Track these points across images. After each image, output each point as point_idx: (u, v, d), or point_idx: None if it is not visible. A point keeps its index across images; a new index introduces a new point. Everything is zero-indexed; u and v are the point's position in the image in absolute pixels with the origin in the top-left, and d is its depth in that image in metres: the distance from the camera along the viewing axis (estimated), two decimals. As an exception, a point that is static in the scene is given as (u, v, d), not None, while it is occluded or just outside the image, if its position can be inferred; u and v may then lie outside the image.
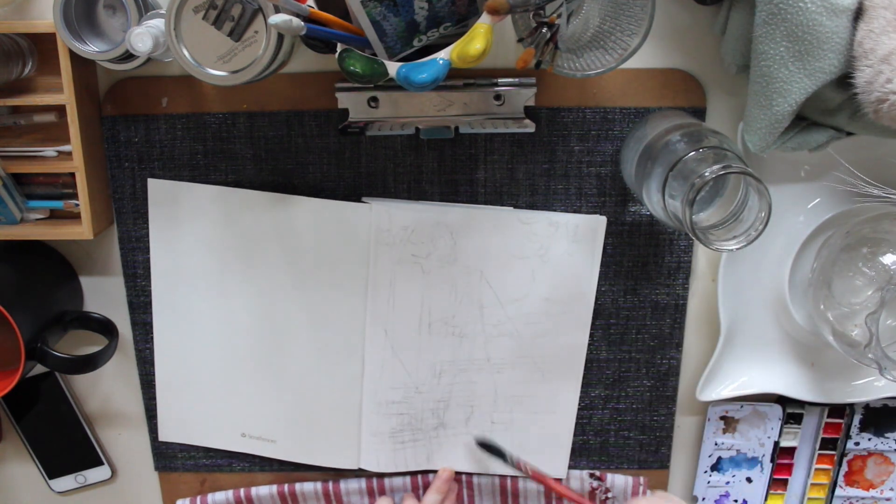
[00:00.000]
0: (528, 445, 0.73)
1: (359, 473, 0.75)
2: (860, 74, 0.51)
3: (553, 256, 0.68)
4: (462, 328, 0.70)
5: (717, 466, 0.75)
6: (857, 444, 0.74)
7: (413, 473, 0.75)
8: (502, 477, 0.75)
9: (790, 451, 0.75)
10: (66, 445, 0.76)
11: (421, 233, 0.67)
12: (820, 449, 0.74)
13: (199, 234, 0.68)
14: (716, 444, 0.74)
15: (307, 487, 0.75)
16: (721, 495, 0.76)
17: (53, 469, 0.77)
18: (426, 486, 0.75)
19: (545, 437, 0.73)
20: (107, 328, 0.70)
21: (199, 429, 0.74)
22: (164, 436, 0.75)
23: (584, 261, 0.68)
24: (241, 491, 0.75)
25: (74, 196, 0.65)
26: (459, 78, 0.63)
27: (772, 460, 0.75)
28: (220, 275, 0.69)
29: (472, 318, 0.69)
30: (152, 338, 0.72)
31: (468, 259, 0.68)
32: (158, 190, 0.68)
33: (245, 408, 0.73)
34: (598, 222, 0.67)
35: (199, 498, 0.76)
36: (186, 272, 0.70)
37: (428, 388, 0.71)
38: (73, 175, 0.63)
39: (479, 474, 0.75)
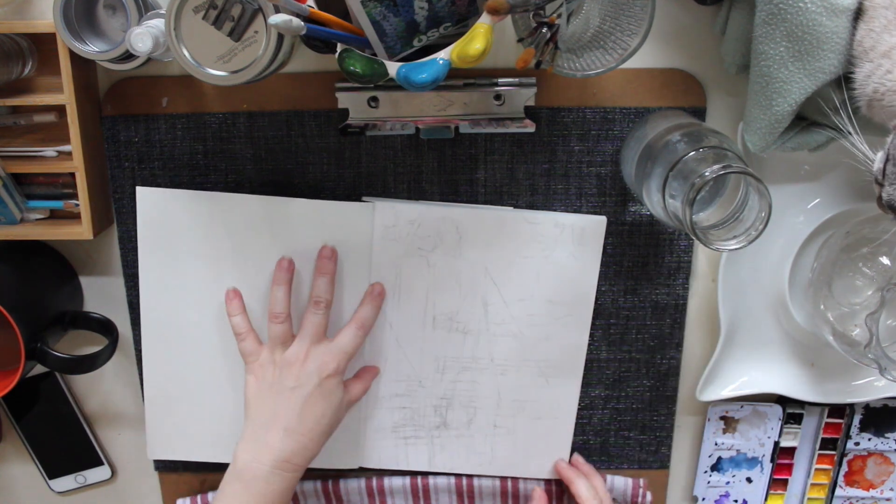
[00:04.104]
0: (528, 447, 0.73)
1: (359, 473, 0.75)
2: (859, 70, 0.51)
3: (557, 258, 0.68)
4: (466, 325, 0.70)
5: (717, 466, 0.75)
6: (857, 444, 0.74)
7: (413, 474, 0.75)
8: (503, 479, 0.75)
9: (790, 451, 0.75)
10: (66, 445, 0.76)
11: (427, 226, 0.67)
12: (820, 449, 0.75)
13: (192, 246, 0.66)
14: (716, 444, 0.74)
15: (307, 486, 0.74)
16: (721, 495, 0.76)
17: (53, 469, 0.77)
18: (426, 489, 0.75)
19: (546, 438, 0.73)
20: (107, 328, 0.70)
21: (192, 444, 0.72)
22: (153, 454, 0.73)
23: (587, 262, 0.68)
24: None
25: (74, 196, 0.65)
26: (459, 78, 0.63)
27: (772, 460, 0.75)
28: (214, 285, 0.67)
29: (477, 315, 0.69)
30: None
31: (473, 255, 0.68)
32: (147, 200, 0.65)
33: (241, 417, 0.72)
34: (600, 223, 0.67)
35: (199, 496, 0.76)
36: (178, 286, 0.67)
37: (431, 382, 0.71)
38: (73, 175, 0.63)
39: (479, 476, 0.75)
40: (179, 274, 0.67)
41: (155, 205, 0.66)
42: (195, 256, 0.67)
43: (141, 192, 0.65)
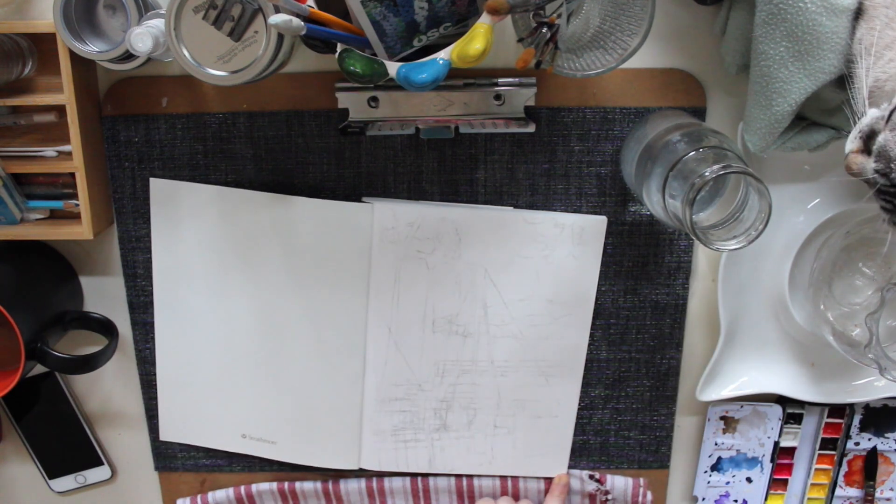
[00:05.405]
0: (529, 447, 0.73)
1: (359, 474, 0.75)
2: (860, 66, 0.51)
3: (557, 257, 0.68)
4: (465, 327, 0.70)
5: (717, 466, 0.75)
6: (857, 444, 0.74)
7: (413, 475, 0.75)
8: (503, 478, 0.75)
9: (790, 451, 0.75)
10: (66, 445, 0.76)
11: (426, 228, 0.67)
12: (820, 449, 0.74)
13: (200, 234, 0.68)
14: (716, 444, 0.74)
15: (307, 486, 0.75)
16: (721, 495, 0.76)
17: (53, 469, 0.77)
18: (426, 490, 0.75)
19: (546, 438, 0.73)
20: (107, 328, 0.70)
21: (200, 429, 0.74)
22: (164, 435, 0.75)
23: (587, 262, 0.68)
24: (242, 488, 0.75)
25: (74, 196, 0.65)
26: (459, 78, 0.63)
27: (772, 460, 0.75)
28: (221, 274, 0.69)
29: (476, 317, 0.69)
30: (152, 338, 0.72)
31: (473, 256, 0.68)
32: (160, 189, 0.68)
33: (246, 409, 0.73)
34: (600, 223, 0.67)
35: (199, 497, 0.76)
36: (187, 271, 0.70)
37: (430, 385, 0.71)
38: (73, 175, 0.63)
39: (479, 476, 0.75)
40: (189, 262, 0.69)
41: (167, 195, 0.68)
42: (204, 246, 0.69)
43: (154, 182, 0.67)
